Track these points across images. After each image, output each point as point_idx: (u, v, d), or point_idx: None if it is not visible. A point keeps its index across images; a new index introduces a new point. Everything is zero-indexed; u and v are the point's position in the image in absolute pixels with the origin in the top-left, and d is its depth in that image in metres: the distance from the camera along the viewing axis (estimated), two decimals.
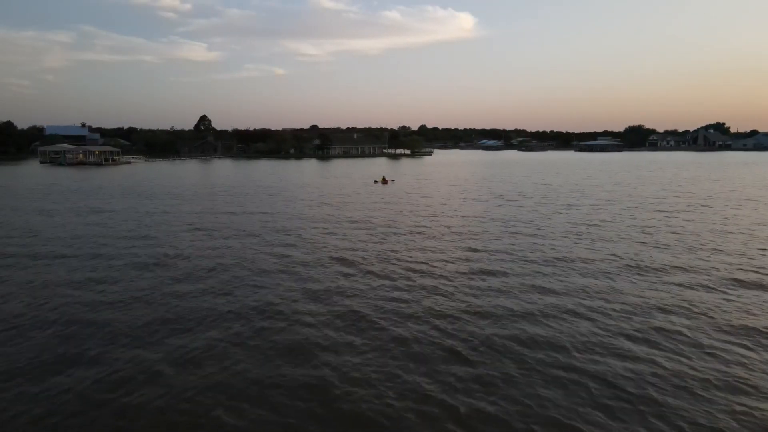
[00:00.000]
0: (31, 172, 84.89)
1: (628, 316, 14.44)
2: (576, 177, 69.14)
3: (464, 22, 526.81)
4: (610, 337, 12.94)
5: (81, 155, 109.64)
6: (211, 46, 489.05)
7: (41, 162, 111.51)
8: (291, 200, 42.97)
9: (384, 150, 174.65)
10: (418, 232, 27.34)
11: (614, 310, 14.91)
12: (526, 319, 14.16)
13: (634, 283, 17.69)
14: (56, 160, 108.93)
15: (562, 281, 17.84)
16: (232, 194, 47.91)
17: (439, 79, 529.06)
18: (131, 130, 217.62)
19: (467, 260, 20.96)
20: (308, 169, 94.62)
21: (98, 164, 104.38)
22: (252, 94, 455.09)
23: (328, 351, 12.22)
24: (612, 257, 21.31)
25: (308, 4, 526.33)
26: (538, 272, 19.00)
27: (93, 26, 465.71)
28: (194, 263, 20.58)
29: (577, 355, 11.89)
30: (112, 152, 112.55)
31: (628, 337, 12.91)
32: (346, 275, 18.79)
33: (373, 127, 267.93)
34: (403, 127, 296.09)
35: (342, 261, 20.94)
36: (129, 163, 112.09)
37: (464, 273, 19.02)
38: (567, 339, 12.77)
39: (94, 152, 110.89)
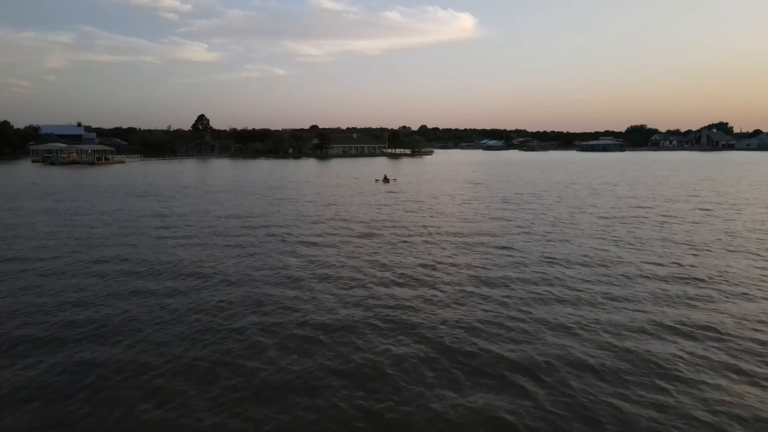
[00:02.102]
0: (20, 171, 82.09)
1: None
2: (588, 176, 66.67)
3: (464, 23, 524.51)
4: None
5: (74, 154, 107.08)
6: (212, 46, 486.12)
7: (33, 161, 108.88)
8: (291, 200, 40.31)
9: (384, 150, 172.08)
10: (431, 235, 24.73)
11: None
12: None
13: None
14: (48, 159, 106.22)
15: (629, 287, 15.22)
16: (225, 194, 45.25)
17: (439, 80, 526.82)
18: (129, 131, 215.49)
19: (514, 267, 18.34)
20: (306, 168, 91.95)
21: (90, 163, 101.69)
22: (252, 95, 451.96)
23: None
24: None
25: (309, 4, 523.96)
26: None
27: (93, 27, 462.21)
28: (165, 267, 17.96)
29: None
30: (105, 151, 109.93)
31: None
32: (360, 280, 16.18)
33: (374, 127, 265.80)
34: (404, 127, 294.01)
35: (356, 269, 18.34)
36: (123, 162, 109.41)
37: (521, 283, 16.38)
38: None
39: (86, 151, 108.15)
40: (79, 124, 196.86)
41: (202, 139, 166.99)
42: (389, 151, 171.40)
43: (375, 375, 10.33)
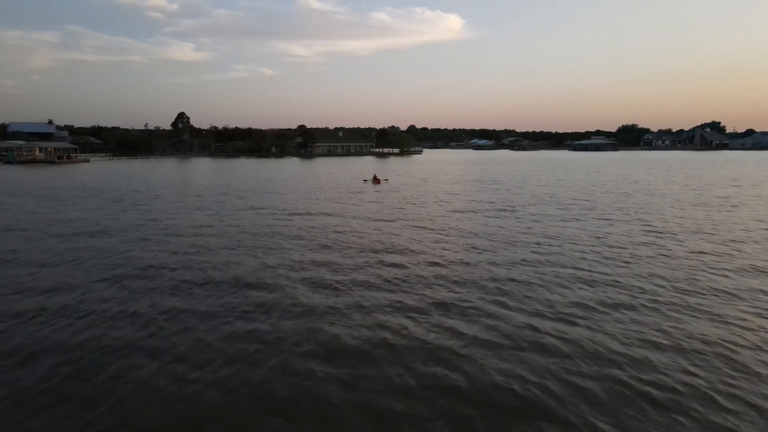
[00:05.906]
0: None
1: None
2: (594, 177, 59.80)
3: (453, 24, 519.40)
4: None
5: (37, 152, 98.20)
6: (199, 46, 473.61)
7: None
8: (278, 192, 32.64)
9: (371, 149, 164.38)
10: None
11: None
12: None
13: None
14: (5, 158, 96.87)
15: None
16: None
17: (428, 80, 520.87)
18: (110, 130, 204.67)
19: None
20: (290, 169, 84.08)
21: (51, 162, 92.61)
22: (241, 95, 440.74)
23: None
24: None
25: (296, 4, 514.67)
26: None
27: (80, 26, 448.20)
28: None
29: None
30: (67, 149, 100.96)
31: None
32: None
33: (362, 127, 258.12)
34: (392, 127, 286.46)
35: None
36: (88, 161, 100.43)
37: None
38: None
39: (47, 149, 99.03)
40: (50, 122, 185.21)
41: (180, 138, 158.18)
42: (377, 150, 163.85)
43: None
